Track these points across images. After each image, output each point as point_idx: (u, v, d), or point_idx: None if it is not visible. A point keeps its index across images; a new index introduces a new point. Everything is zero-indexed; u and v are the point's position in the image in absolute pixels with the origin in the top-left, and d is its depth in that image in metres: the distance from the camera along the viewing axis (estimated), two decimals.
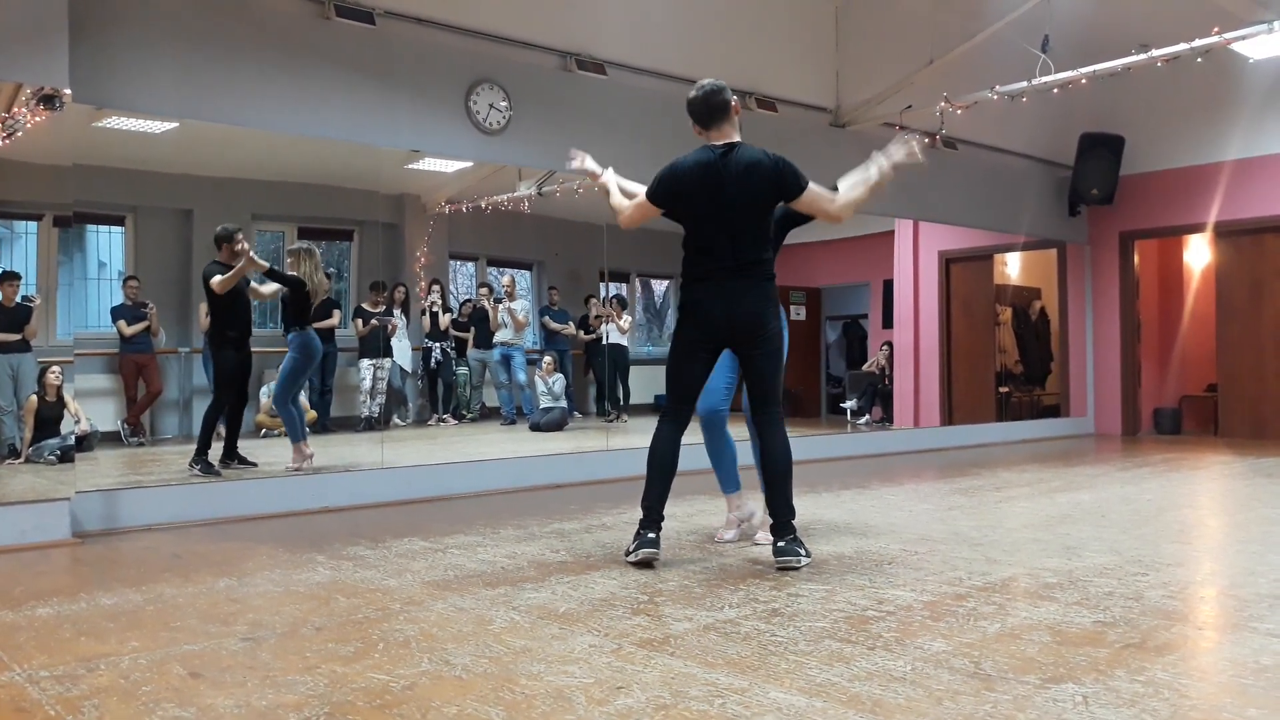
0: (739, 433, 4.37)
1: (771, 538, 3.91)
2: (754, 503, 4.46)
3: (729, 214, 3.84)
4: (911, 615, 3.14)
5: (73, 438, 5.75)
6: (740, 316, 3.84)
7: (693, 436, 4.10)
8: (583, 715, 2.27)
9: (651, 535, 3.89)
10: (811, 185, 3.91)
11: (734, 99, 3.98)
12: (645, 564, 3.87)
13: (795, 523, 3.87)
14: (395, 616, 3.18)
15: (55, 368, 6.13)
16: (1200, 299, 11.12)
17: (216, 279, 6.14)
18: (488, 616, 3.16)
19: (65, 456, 5.41)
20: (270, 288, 6.57)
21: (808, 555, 3.84)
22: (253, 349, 6.65)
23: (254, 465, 6.33)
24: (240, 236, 6.33)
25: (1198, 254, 11.26)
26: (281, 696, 2.41)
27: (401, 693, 2.44)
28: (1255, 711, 2.24)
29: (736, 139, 3.96)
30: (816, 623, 3.03)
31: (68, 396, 6.14)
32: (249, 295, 6.49)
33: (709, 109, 3.94)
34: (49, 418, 6.04)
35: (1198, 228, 10.30)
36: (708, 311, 3.86)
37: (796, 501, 3.94)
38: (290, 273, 6.50)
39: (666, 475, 3.95)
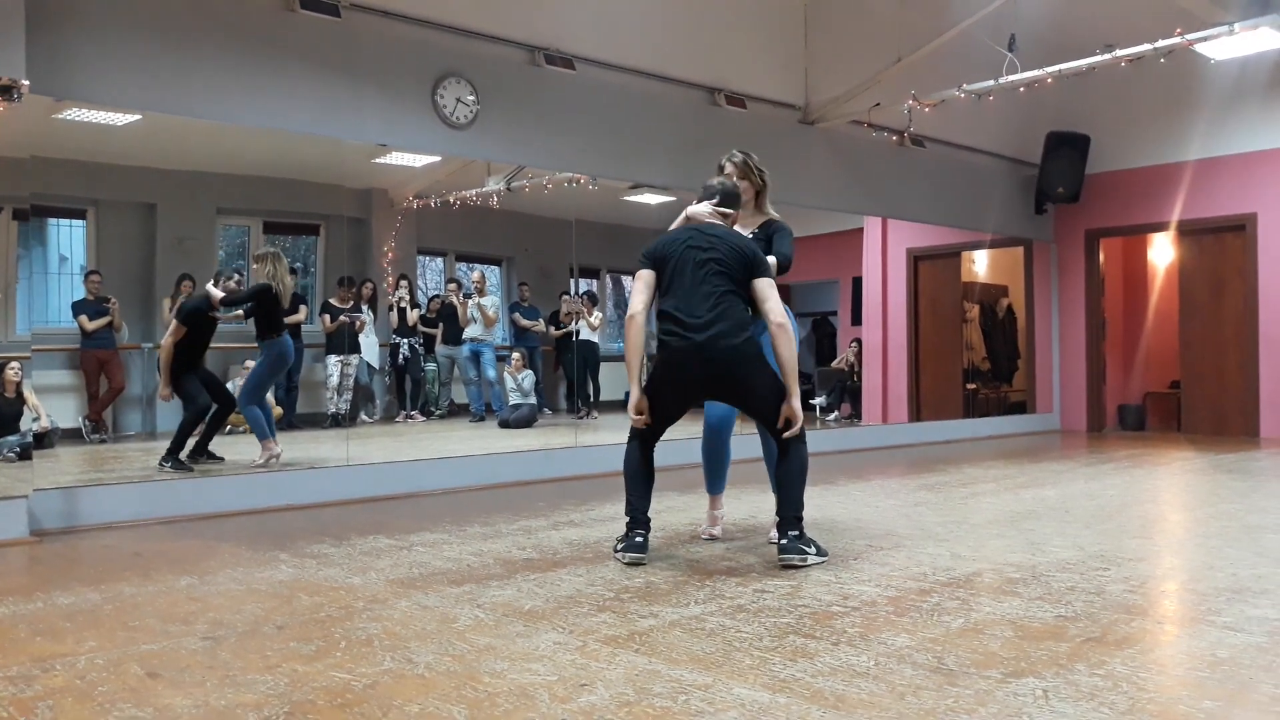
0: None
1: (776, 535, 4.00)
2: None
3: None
4: (876, 611, 3.15)
5: (32, 434, 5.66)
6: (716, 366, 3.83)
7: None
8: (546, 713, 2.25)
9: (639, 538, 3.88)
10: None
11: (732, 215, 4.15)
12: (633, 565, 3.84)
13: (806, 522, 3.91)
14: (358, 615, 3.16)
15: (14, 363, 6.03)
16: (1164, 297, 11.26)
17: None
18: (452, 614, 3.14)
19: (24, 453, 5.33)
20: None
21: (820, 554, 3.84)
22: (221, 345, 6.61)
23: (220, 460, 6.27)
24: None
25: (1161, 252, 11.40)
26: (241, 696, 2.39)
27: (363, 691, 2.41)
28: (1211, 704, 2.27)
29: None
30: (781, 619, 3.04)
31: (27, 392, 6.04)
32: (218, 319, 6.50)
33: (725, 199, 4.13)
34: (8, 414, 5.94)
35: (1161, 226, 10.43)
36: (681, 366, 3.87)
37: (763, 497, 3.95)
38: (250, 286, 6.46)
39: (647, 482, 3.97)
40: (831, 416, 11.02)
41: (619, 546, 3.92)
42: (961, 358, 11.13)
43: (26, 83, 4.70)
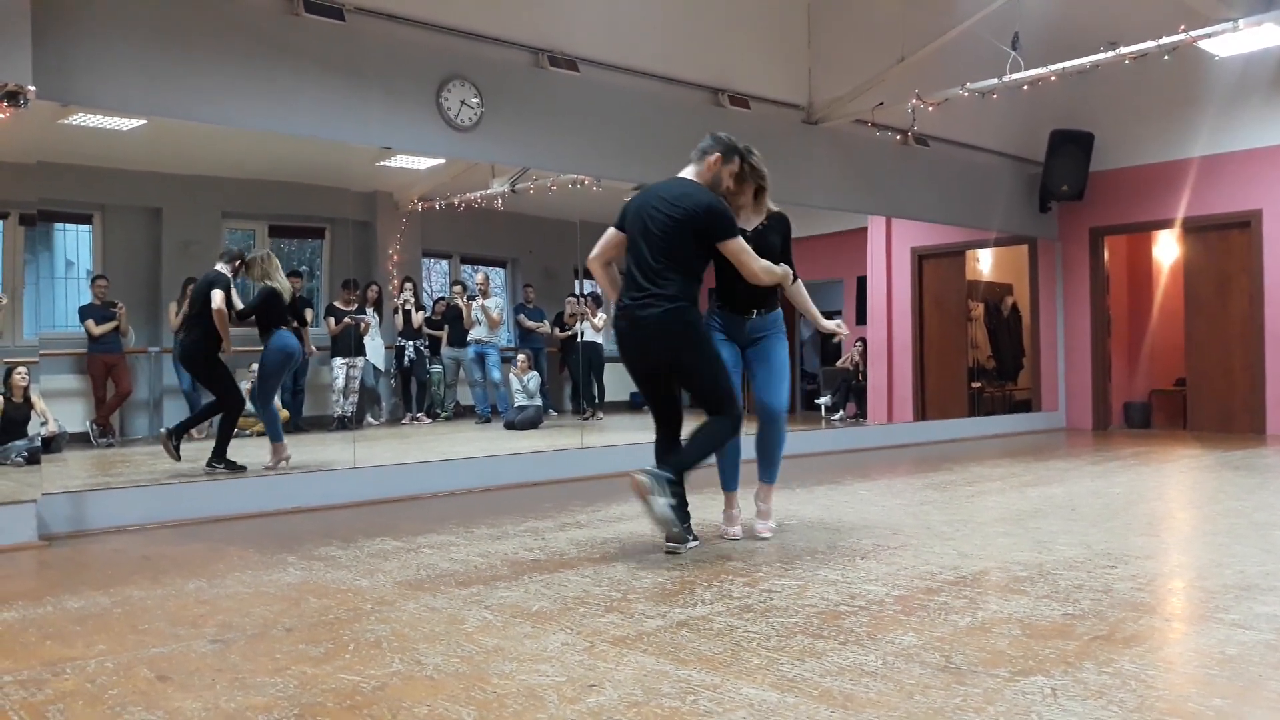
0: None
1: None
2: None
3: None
4: (883, 610, 3.15)
5: (40, 439, 5.67)
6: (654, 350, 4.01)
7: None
8: (555, 714, 2.26)
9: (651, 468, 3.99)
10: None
11: (714, 155, 4.12)
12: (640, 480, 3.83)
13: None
14: (367, 617, 3.16)
15: (21, 368, 6.04)
16: (1169, 294, 11.24)
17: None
18: (460, 616, 3.15)
19: (32, 458, 5.34)
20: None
21: (690, 537, 4.10)
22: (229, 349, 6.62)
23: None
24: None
25: (1166, 249, 11.38)
26: (250, 698, 2.39)
27: (372, 693, 2.42)
28: (1220, 701, 2.27)
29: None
30: (789, 618, 3.04)
31: (35, 397, 6.06)
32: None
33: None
34: (16, 419, 5.96)
35: (1166, 223, 10.41)
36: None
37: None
38: (257, 296, 6.46)
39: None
40: (837, 416, 11.01)
41: None
42: (966, 356, 11.11)
43: (33, 88, 4.72)
